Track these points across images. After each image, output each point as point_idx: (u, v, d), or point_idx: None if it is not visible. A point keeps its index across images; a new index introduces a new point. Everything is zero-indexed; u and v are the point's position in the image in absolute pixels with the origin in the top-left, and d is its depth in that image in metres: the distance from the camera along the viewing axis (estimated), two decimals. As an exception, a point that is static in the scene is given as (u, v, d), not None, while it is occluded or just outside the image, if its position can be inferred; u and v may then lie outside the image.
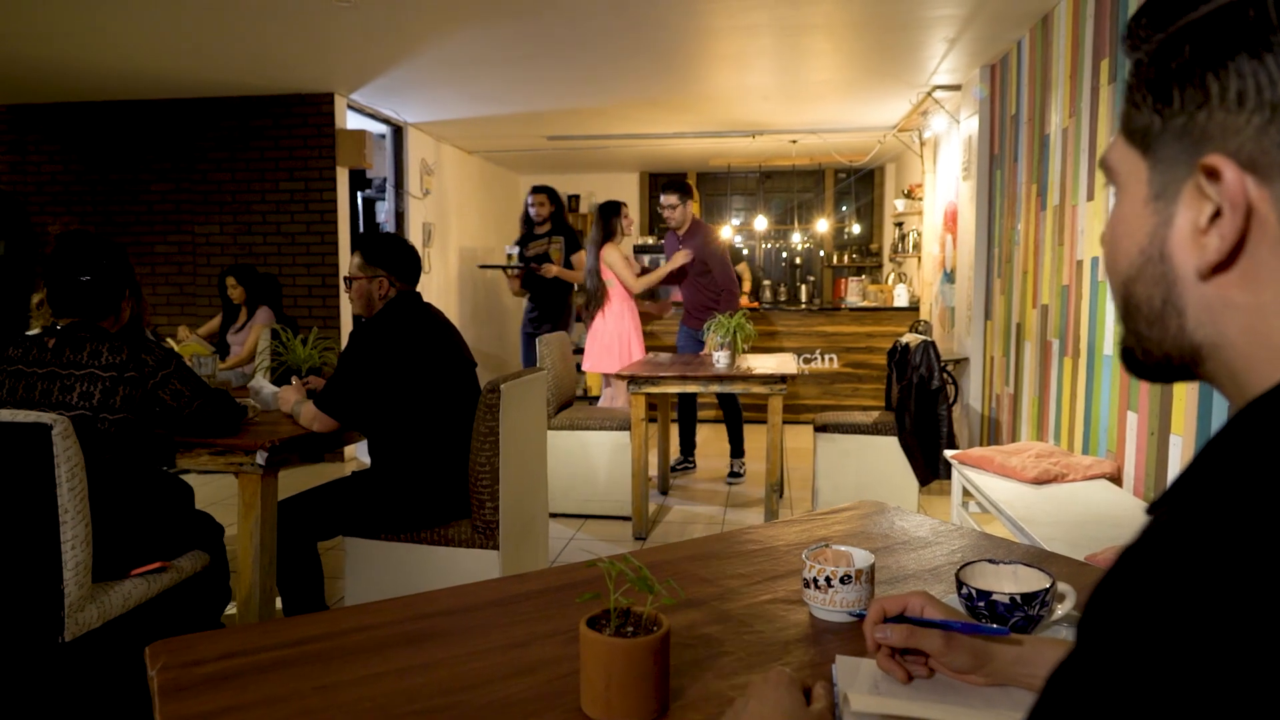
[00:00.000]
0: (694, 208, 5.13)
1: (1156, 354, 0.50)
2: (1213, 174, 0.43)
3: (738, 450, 5.07)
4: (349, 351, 2.45)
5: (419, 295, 2.61)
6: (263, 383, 2.76)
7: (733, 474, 5.03)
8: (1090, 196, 3.41)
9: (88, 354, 2.05)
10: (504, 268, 5.70)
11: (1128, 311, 0.51)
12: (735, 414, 5.04)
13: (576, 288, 5.58)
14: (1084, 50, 3.53)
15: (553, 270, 5.48)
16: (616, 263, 4.86)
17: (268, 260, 5.78)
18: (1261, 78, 0.41)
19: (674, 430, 5.22)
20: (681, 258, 4.89)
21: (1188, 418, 2.59)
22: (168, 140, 5.87)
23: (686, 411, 5.21)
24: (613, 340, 4.91)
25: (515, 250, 5.65)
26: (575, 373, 4.80)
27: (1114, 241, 0.51)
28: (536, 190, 5.66)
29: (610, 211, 4.94)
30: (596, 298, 4.95)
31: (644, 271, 5.06)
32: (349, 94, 5.76)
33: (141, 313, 2.29)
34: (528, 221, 5.68)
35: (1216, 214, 0.44)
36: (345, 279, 2.62)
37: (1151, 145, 0.47)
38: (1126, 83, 0.50)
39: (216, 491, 4.35)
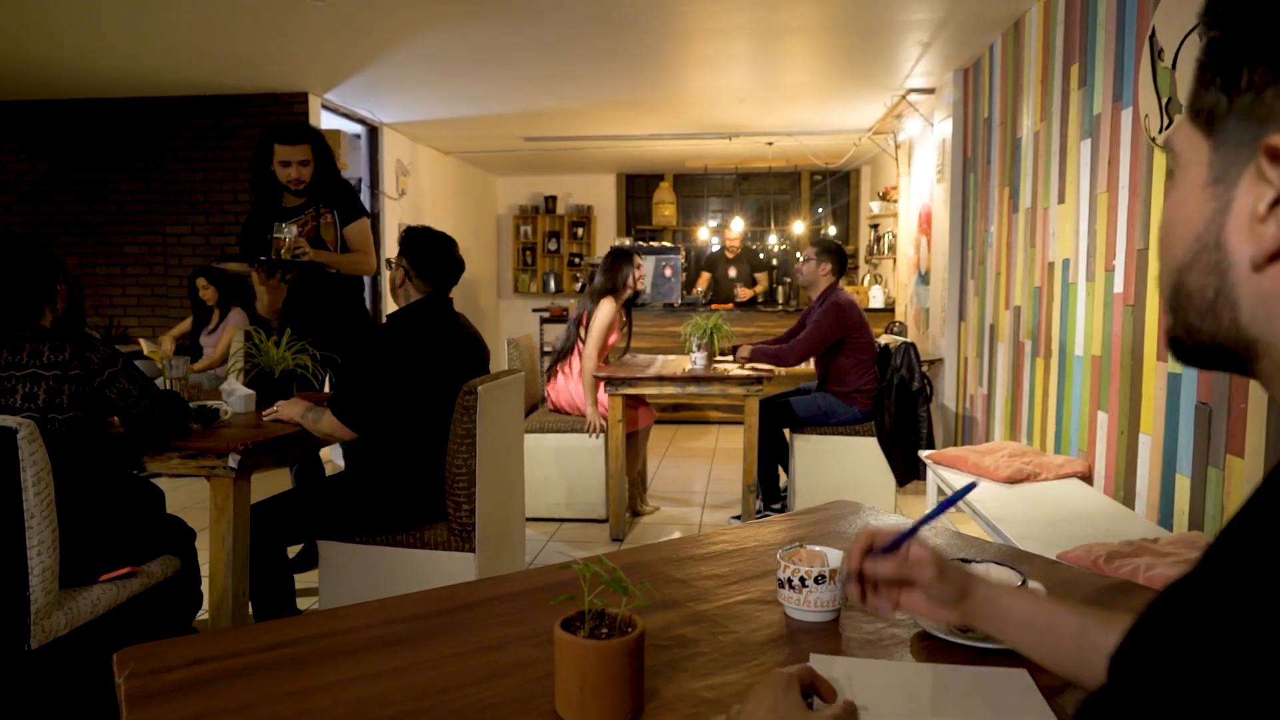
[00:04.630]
0: (828, 268, 4.20)
1: (1209, 344, 0.49)
2: (1276, 155, 0.42)
3: (764, 489, 4.27)
4: (360, 356, 2.42)
5: (448, 301, 2.60)
6: (235, 385, 2.73)
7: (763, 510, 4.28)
8: (1061, 199, 3.46)
9: (28, 354, 1.99)
10: (249, 266, 3.24)
11: (1178, 302, 0.50)
12: (772, 438, 4.23)
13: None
14: (1054, 55, 3.58)
15: (335, 261, 3.28)
16: (601, 323, 4.08)
17: (241, 261, 5.71)
18: None
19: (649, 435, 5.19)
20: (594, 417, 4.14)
21: (1156, 417, 2.63)
22: (138, 139, 5.79)
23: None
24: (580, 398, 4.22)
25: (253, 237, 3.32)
26: (540, 375, 4.65)
27: (1170, 227, 0.50)
28: (290, 136, 3.27)
29: (622, 260, 4.16)
30: (571, 352, 4.21)
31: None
32: (323, 93, 5.71)
33: (80, 300, 2.20)
34: (271, 188, 3.36)
35: (1277, 201, 0.43)
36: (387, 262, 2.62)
37: (1216, 126, 0.46)
38: (1197, 61, 0.49)
39: (188, 496, 4.29)
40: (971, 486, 1.01)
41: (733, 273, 7.53)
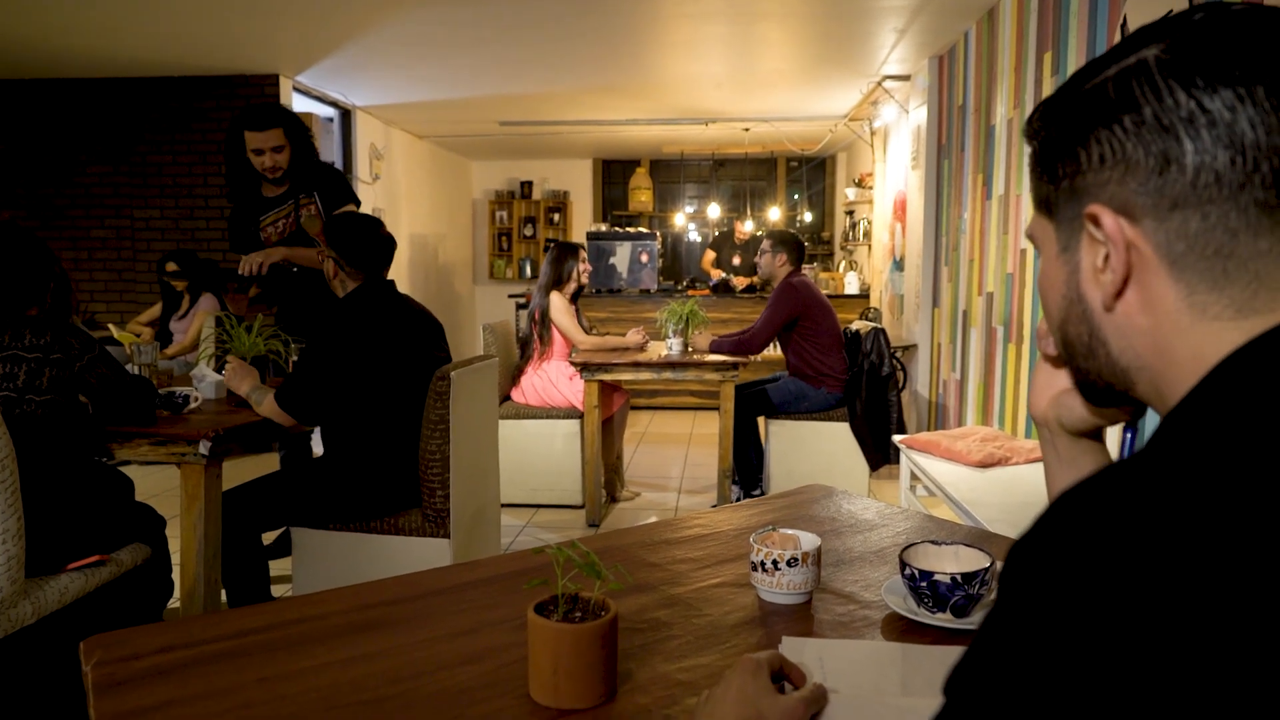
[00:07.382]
0: (784, 259, 4.21)
1: (1100, 384, 0.59)
2: (1095, 221, 0.53)
3: (742, 476, 4.22)
4: (310, 348, 2.39)
5: (390, 285, 2.54)
6: (206, 371, 2.70)
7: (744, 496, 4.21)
8: (1034, 186, 3.49)
9: (9, 336, 2.00)
10: (225, 282, 3.16)
11: (1068, 352, 0.60)
12: (749, 426, 4.18)
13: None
14: (1028, 43, 3.60)
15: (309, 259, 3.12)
16: (561, 316, 4.17)
17: (211, 246, 5.63)
18: (1114, 142, 0.52)
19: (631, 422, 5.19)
20: (635, 336, 4.32)
21: (1124, 402, 2.66)
22: (106, 121, 5.68)
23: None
24: (553, 394, 4.24)
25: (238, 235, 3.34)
26: (516, 361, 4.62)
27: (1045, 293, 0.61)
28: (259, 122, 3.13)
29: (567, 253, 4.24)
30: (530, 347, 4.25)
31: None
32: (295, 75, 5.62)
33: (68, 297, 2.21)
34: (249, 179, 3.24)
35: (1107, 256, 0.53)
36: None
37: (1053, 209, 0.58)
38: (1029, 164, 0.60)
39: (158, 483, 4.24)
40: None
41: (736, 260, 7.56)
